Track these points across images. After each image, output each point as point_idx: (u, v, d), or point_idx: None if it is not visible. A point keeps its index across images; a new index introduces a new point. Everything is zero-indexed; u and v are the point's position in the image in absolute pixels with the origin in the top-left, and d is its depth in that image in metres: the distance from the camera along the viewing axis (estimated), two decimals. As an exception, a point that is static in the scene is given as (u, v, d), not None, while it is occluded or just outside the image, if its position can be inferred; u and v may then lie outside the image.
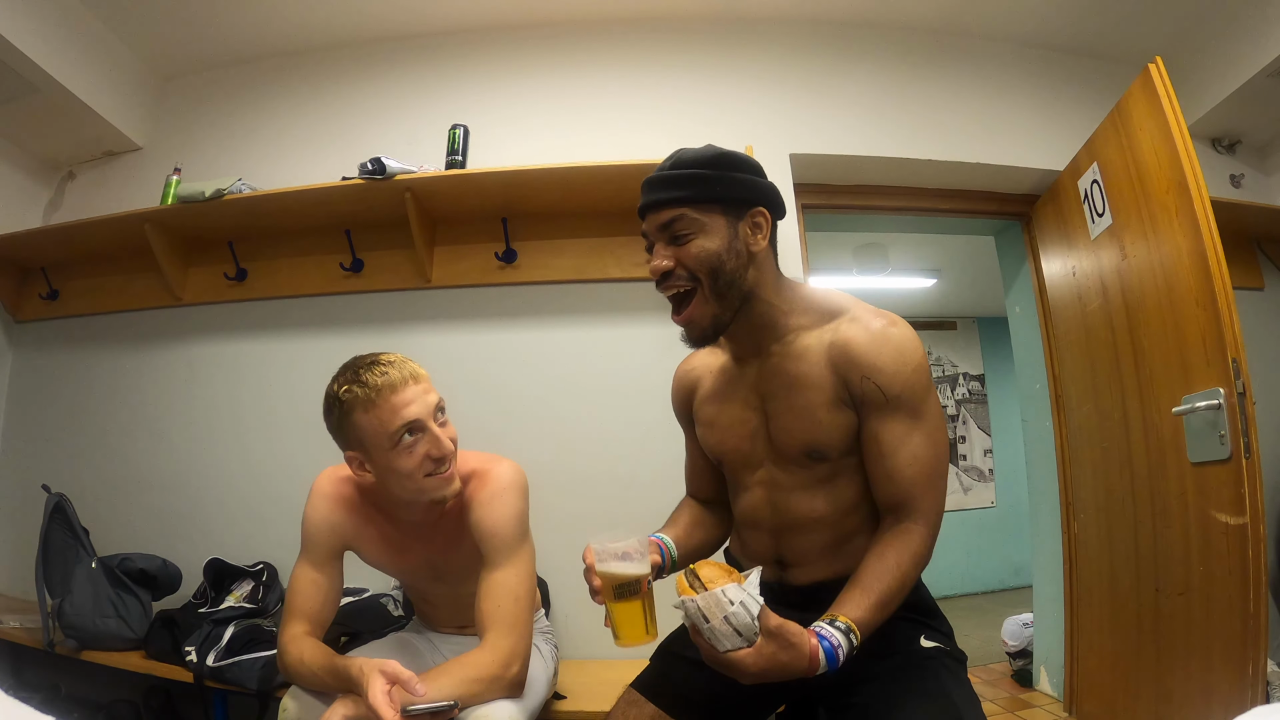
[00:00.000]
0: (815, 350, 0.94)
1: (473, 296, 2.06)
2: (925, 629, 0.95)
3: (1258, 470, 1.41)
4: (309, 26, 2.25)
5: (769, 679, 0.77)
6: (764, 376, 0.98)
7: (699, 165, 0.91)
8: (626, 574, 0.87)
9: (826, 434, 0.92)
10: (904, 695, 0.86)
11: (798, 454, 0.95)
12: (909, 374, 0.89)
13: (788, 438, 0.95)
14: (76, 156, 2.35)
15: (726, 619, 0.75)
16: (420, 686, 0.92)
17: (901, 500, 0.90)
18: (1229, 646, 1.45)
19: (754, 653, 0.76)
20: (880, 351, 0.89)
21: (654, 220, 0.93)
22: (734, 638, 0.76)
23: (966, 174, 2.29)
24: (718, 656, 0.77)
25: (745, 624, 0.76)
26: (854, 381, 0.90)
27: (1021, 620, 2.58)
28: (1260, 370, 1.56)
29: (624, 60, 2.25)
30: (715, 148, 0.94)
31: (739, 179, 0.93)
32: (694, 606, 0.77)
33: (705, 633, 0.77)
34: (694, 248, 0.90)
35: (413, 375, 1.07)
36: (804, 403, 0.93)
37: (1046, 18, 2.26)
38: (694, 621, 0.78)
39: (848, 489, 0.96)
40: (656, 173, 0.94)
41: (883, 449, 0.90)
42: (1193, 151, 1.57)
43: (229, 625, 1.58)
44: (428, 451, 1.06)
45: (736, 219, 0.92)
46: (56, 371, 2.21)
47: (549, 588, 1.78)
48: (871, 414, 0.90)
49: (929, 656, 0.91)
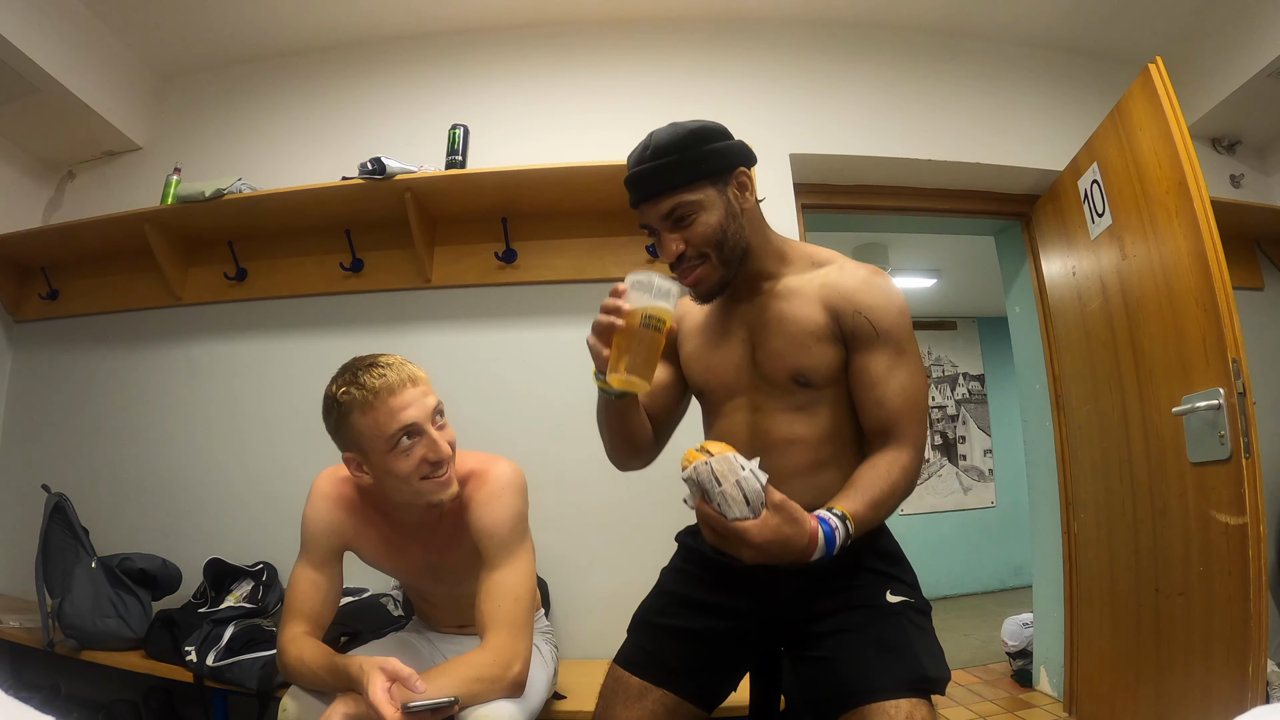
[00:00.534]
0: (806, 290, 1.02)
1: (473, 296, 2.06)
2: (891, 582, 0.99)
3: (1258, 470, 1.41)
4: (309, 26, 2.25)
5: (770, 554, 0.81)
6: (754, 312, 1.05)
7: (677, 150, 0.96)
8: (660, 309, 0.88)
9: (815, 361, 0.99)
10: (868, 649, 0.92)
11: (784, 379, 1.01)
12: (896, 313, 0.98)
13: (777, 362, 1.01)
14: (76, 156, 2.35)
15: (738, 483, 0.79)
16: (421, 683, 0.92)
17: (890, 425, 0.96)
18: (1229, 646, 1.45)
19: (759, 524, 0.80)
20: (870, 291, 0.98)
21: (654, 211, 0.99)
22: (742, 505, 0.79)
23: (966, 174, 2.29)
24: (725, 526, 0.80)
25: (754, 490, 0.79)
26: (846, 316, 0.98)
27: (1021, 620, 2.58)
28: (1260, 370, 1.56)
29: (624, 60, 2.25)
30: (682, 125, 0.99)
31: (715, 150, 0.99)
32: (707, 470, 0.79)
33: (715, 498, 0.80)
34: (699, 226, 0.97)
35: (411, 378, 1.07)
36: (795, 331, 1.00)
37: (1047, 18, 2.26)
38: (705, 486, 0.80)
39: (826, 417, 1.01)
40: (639, 166, 0.99)
41: (873, 378, 0.97)
42: (1193, 151, 1.57)
43: (229, 625, 1.58)
44: (425, 455, 1.06)
45: (724, 185, 1.00)
46: (56, 371, 2.21)
47: (549, 588, 1.77)
48: (861, 347, 0.98)
49: (894, 612, 0.96)
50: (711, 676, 1.04)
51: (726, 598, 1.04)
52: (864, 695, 0.89)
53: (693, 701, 1.03)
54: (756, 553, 0.80)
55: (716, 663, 1.05)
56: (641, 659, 1.05)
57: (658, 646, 1.05)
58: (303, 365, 2.03)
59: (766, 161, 2.08)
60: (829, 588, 0.98)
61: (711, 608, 1.05)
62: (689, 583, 1.10)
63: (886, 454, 0.95)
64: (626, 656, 1.07)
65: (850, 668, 0.92)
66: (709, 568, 1.07)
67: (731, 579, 1.03)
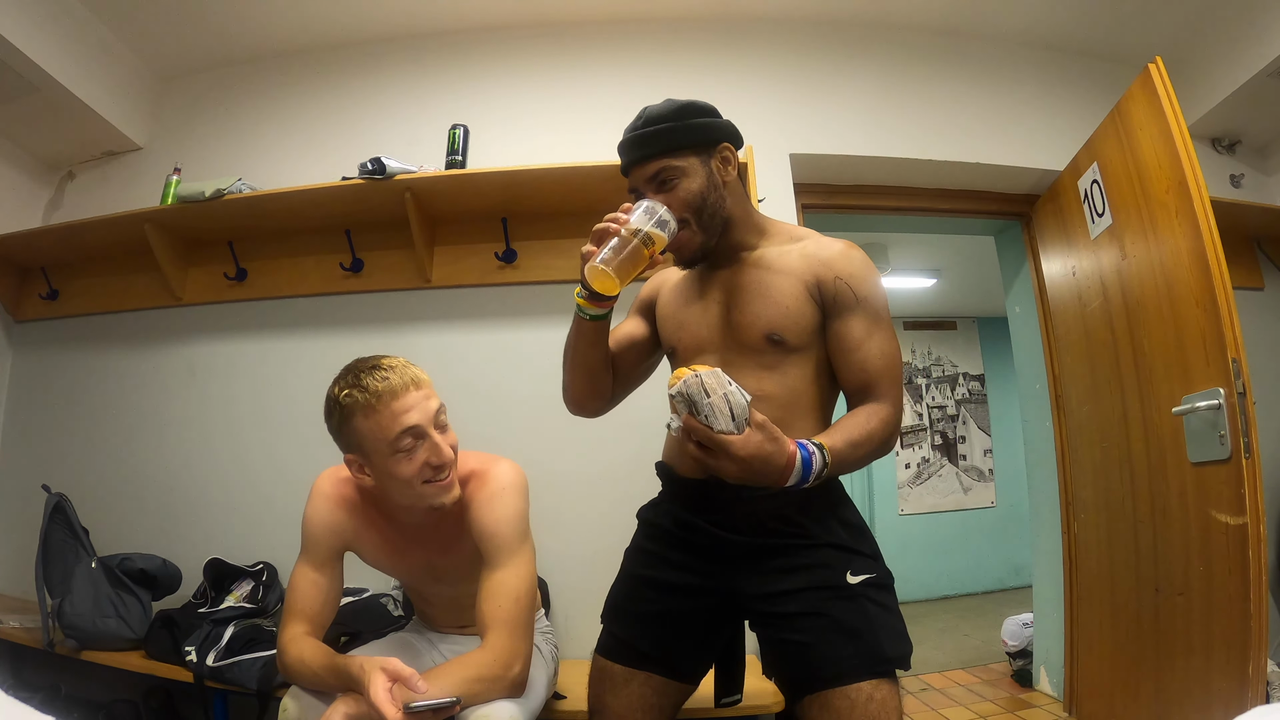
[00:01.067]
0: (786, 259, 1.07)
1: (473, 296, 2.06)
2: (853, 557, 1.01)
3: (1258, 470, 1.41)
4: (309, 27, 2.25)
5: (752, 470, 0.84)
6: (732, 278, 1.10)
7: (668, 119, 1.04)
8: (656, 233, 0.96)
9: (792, 320, 1.03)
10: (831, 633, 0.96)
11: (758, 339, 1.04)
12: (873, 283, 1.04)
13: (753, 319, 1.04)
14: (76, 156, 2.35)
15: (726, 397, 0.83)
16: (422, 684, 0.92)
17: (871, 385, 1.01)
18: (1229, 646, 1.45)
19: (744, 439, 0.84)
20: (850, 261, 1.04)
21: (640, 174, 1.05)
22: (728, 419, 0.83)
23: (966, 174, 2.29)
24: (712, 437, 0.83)
25: (740, 405, 0.84)
26: (827, 282, 1.03)
27: (1021, 620, 2.58)
28: (1260, 370, 1.56)
29: (624, 60, 2.25)
30: (675, 101, 1.07)
31: (702, 123, 1.06)
32: (697, 382, 0.83)
33: (704, 409, 0.83)
34: (681, 190, 1.03)
35: (414, 381, 1.07)
36: (775, 292, 1.04)
37: (1047, 18, 2.26)
38: (694, 398, 0.83)
39: (794, 377, 1.05)
40: (632, 133, 1.06)
41: (854, 342, 1.02)
42: (1193, 151, 1.57)
43: (229, 625, 1.58)
44: (427, 459, 1.06)
45: (708, 157, 1.06)
46: (56, 371, 2.21)
47: (549, 588, 1.78)
48: (842, 312, 1.02)
49: (856, 594, 0.98)
50: (689, 653, 1.08)
51: (690, 575, 1.06)
52: (828, 680, 0.93)
53: (676, 679, 1.07)
54: (739, 467, 0.84)
55: (690, 640, 1.08)
56: (619, 646, 1.09)
57: (632, 633, 1.08)
58: (303, 365, 2.03)
59: (767, 161, 2.10)
60: (791, 563, 1.00)
61: (678, 587, 1.07)
62: (652, 563, 1.11)
63: (867, 407, 0.99)
64: (605, 645, 1.11)
65: (813, 652, 0.95)
66: (670, 543, 1.09)
67: (693, 552, 1.07)
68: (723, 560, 1.04)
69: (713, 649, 1.12)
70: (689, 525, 1.06)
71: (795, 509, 1.01)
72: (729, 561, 1.04)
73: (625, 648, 1.08)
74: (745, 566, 1.03)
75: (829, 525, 1.03)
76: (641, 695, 1.05)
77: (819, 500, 1.03)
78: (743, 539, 1.02)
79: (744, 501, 1.01)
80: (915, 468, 4.85)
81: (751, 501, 1.01)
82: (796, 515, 1.02)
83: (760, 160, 1.96)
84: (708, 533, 1.04)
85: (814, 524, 1.02)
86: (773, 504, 1.01)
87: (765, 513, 1.02)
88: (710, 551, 1.05)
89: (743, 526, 1.02)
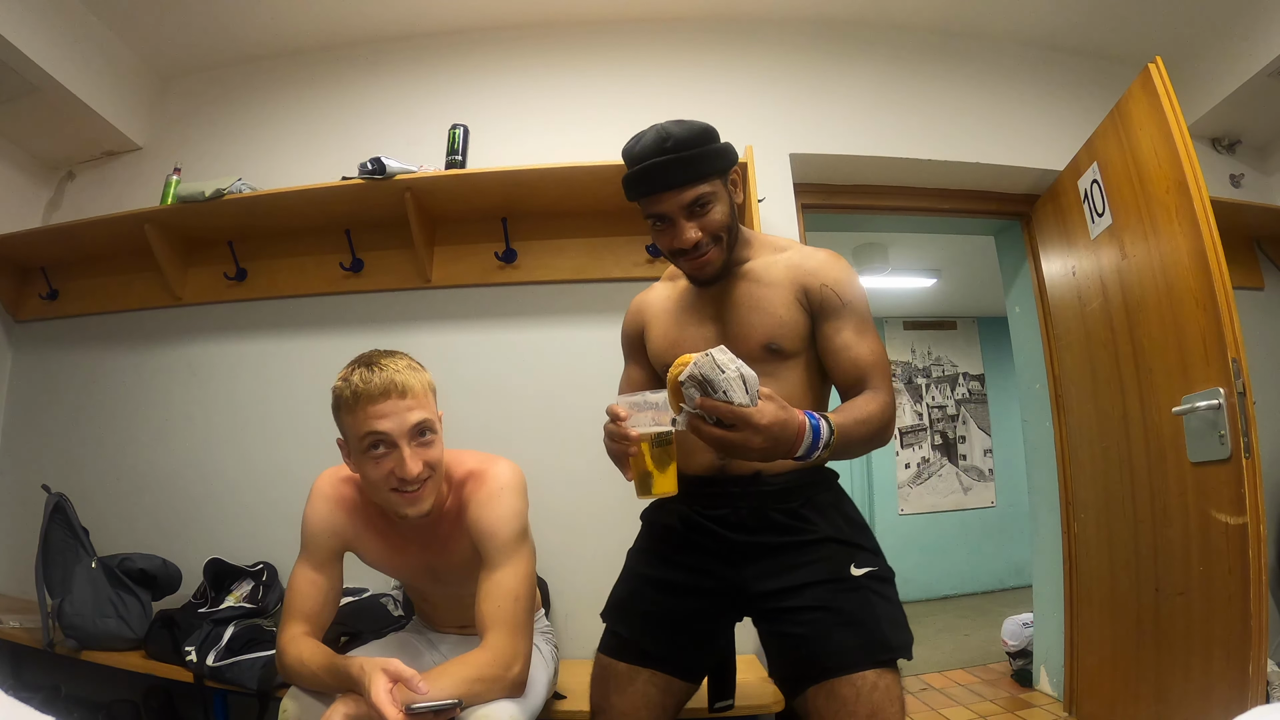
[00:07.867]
0: (773, 271, 1.11)
1: (473, 296, 2.06)
2: (856, 551, 1.04)
3: (1258, 470, 1.41)
4: (309, 26, 2.25)
5: (774, 436, 0.83)
6: (725, 293, 1.13)
7: (696, 144, 1.03)
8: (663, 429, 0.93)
9: (786, 329, 1.07)
10: (835, 624, 0.98)
11: (757, 349, 1.07)
12: (857, 290, 1.09)
13: (750, 331, 1.08)
14: (76, 156, 2.35)
15: (739, 369, 0.82)
16: (423, 684, 0.92)
17: (865, 378, 1.04)
18: (1229, 646, 1.45)
19: (760, 409, 0.83)
20: (834, 269, 1.09)
21: (674, 200, 1.04)
22: (744, 393, 0.82)
23: (966, 174, 2.29)
24: (734, 411, 0.81)
25: (752, 377, 0.83)
26: (814, 289, 1.07)
27: (1021, 620, 2.58)
28: (1260, 370, 1.56)
29: (624, 60, 2.25)
30: (692, 123, 1.04)
31: (719, 148, 1.07)
32: (709, 360, 0.81)
33: (720, 385, 0.81)
34: (715, 215, 1.05)
35: (399, 387, 1.04)
36: (767, 305, 1.08)
37: (1047, 18, 2.26)
38: (709, 377, 0.82)
39: (792, 382, 1.08)
40: (660, 156, 1.02)
41: (845, 342, 1.06)
42: (1193, 151, 1.57)
43: (229, 625, 1.58)
44: (393, 469, 1.04)
45: (725, 181, 1.08)
46: (56, 371, 2.21)
47: (549, 588, 1.78)
48: (830, 316, 1.07)
49: (859, 585, 1.01)
50: (692, 651, 1.10)
51: (695, 575, 1.08)
52: (833, 669, 0.95)
53: (679, 676, 1.09)
54: (764, 437, 0.82)
55: (693, 638, 1.09)
56: (622, 645, 1.10)
57: (635, 631, 1.10)
58: (303, 365, 2.03)
59: (767, 161, 2.10)
60: (796, 559, 1.02)
61: (682, 587, 1.09)
62: (655, 563, 1.14)
63: (863, 395, 1.02)
64: (609, 644, 1.13)
65: (818, 643, 0.97)
66: (676, 543, 1.11)
67: (698, 552, 1.08)
68: (728, 559, 1.05)
69: (716, 648, 1.13)
70: (695, 525, 1.08)
71: (800, 504, 1.04)
72: (734, 560, 1.05)
73: (629, 646, 1.09)
74: (751, 564, 1.04)
75: (833, 520, 1.05)
76: (645, 694, 1.06)
77: (822, 496, 1.06)
78: (748, 538, 1.04)
79: (750, 495, 1.03)
80: (915, 467, 4.85)
81: (759, 496, 1.02)
82: (801, 510, 1.04)
83: (760, 160, 1.96)
84: (713, 532, 1.06)
85: (819, 518, 1.04)
86: (779, 498, 1.03)
87: (771, 507, 1.03)
88: (715, 551, 1.06)
89: (749, 523, 1.04)
